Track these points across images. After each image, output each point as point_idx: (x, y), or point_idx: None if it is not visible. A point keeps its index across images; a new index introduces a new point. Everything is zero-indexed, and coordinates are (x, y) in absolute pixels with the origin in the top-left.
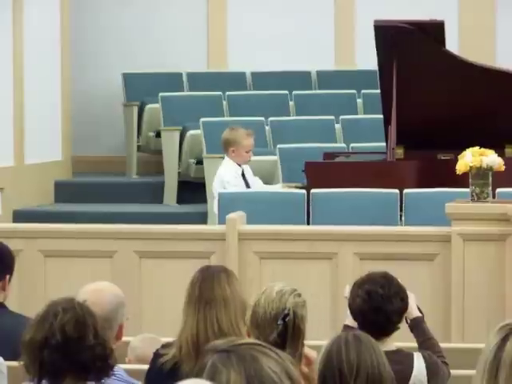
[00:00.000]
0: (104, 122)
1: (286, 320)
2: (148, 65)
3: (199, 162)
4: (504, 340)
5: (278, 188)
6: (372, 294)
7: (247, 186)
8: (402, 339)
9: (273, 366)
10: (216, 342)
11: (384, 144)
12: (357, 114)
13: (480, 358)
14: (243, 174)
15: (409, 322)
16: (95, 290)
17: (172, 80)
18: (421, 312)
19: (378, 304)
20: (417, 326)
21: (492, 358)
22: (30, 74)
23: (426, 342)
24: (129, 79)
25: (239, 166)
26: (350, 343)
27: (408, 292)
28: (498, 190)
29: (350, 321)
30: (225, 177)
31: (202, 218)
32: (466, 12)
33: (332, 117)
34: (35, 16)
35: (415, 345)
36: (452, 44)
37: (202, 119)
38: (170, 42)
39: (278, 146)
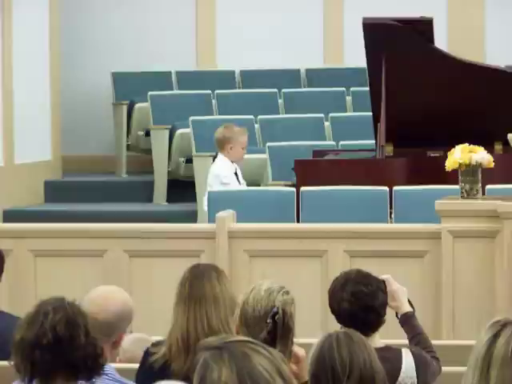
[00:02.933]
0: (93, 121)
1: (276, 318)
2: (137, 64)
3: (189, 161)
4: (495, 336)
5: None
6: (358, 295)
7: (239, 184)
8: (390, 336)
9: (264, 363)
10: (208, 340)
11: (373, 141)
12: (346, 111)
13: (471, 354)
14: (235, 173)
15: (399, 316)
16: (107, 292)
17: (161, 79)
18: (412, 306)
19: (366, 303)
20: (407, 321)
21: (483, 354)
22: (19, 74)
23: (416, 337)
24: (118, 78)
25: (232, 163)
26: (342, 341)
27: (400, 286)
28: (488, 186)
29: None
30: (222, 172)
31: (192, 217)
32: (455, 9)
33: (321, 114)
34: (24, 16)
35: (403, 341)
36: (441, 41)
37: (192, 118)
38: (158, 41)
39: (268, 144)
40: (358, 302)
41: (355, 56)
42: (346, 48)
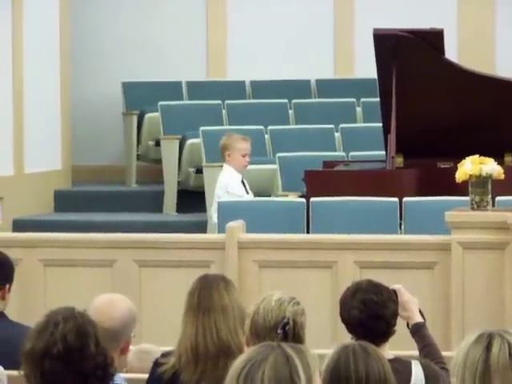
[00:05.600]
0: (103, 131)
1: (286, 328)
2: (147, 74)
3: (199, 171)
4: (487, 348)
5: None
6: (368, 303)
7: (247, 193)
8: (399, 347)
9: (268, 374)
10: None
11: (383, 152)
12: (356, 122)
13: (460, 371)
14: (242, 182)
15: (410, 327)
16: (111, 300)
17: (171, 89)
18: (423, 317)
19: (376, 311)
20: (418, 332)
21: (482, 368)
22: (30, 84)
23: (426, 348)
24: (128, 88)
25: (237, 172)
26: (358, 354)
27: (411, 296)
28: (498, 198)
29: None
30: (227, 183)
31: (202, 227)
32: (466, 20)
33: (331, 125)
34: (34, 26)
35: (412, 353)
36: (451, 52)
37: (202, 128)
38: (169, 50)
39: (278, 154)
40: (368, 311)
41: (366, 67)
42: (357, 59)
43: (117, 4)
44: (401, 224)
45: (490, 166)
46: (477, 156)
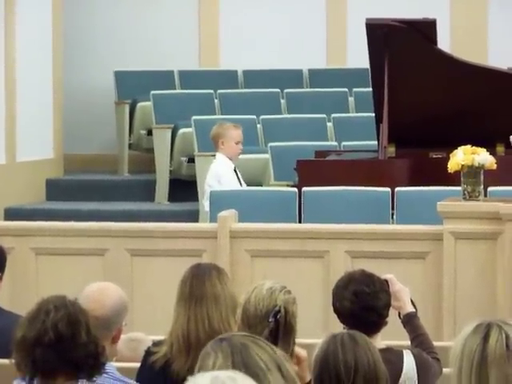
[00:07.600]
0: (96, 120)
1: (278, 317)
2: (140, 63)
3: (191, 160)
4: (485, 339)
5: None
6: (359, 294)
7: (239, 181)
8: (391, 337)
9: (263, 355)
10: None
11: (376, 142)
12: (348, 112)
13: (457, 361)
14: (235, 170)
15: (402, 317)
16: (103, 288)
17: (164, 78)
18: (414, 307)
19: (368, 302)
20: (410, 322)
21: (479, 357)
22: (22, 73)
23: (418, 338)
24: (120, 77)
25: (230, 161)
26: (347, 344)
27: (402, 286)
28: (490, 188)
29: None
30: (219, 171)
31: (194, 216)
32: (458, 10)
33: (324, 115)
34: (27, 15)
35: (404, 343)
36: (444, 43)
37: (194, 117)
38: (161, 40)
39: (270, 144)
40: (360, 302)
41: (358, 57)
42: (349, 49)
43: None
44: (393, 214)
45: (482, 156)
46: (469, 146)
